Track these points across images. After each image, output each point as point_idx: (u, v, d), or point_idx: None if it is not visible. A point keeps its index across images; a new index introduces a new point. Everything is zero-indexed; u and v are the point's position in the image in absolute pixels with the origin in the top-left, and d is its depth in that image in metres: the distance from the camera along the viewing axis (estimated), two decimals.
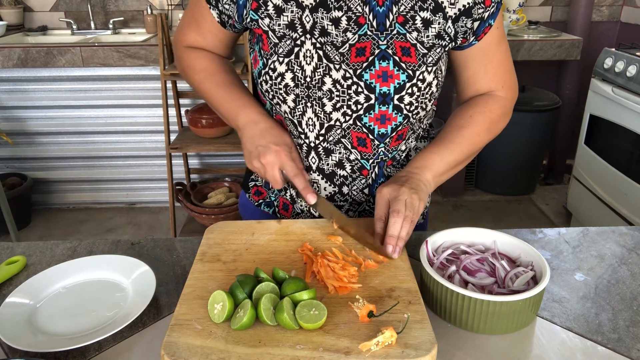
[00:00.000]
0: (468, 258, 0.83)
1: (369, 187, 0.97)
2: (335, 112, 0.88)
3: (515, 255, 0.84)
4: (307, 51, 0.85)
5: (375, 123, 0.89)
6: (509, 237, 0.85)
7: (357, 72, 0.85)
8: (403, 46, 0.85)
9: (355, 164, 0.94)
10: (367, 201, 0.99)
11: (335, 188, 0.97)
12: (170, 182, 2.66)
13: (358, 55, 0.85)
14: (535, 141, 3.11)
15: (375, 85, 0.85)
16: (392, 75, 0.85)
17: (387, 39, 0.85)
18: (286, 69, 0.86)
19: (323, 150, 0.93)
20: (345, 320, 0.69)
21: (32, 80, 2.81)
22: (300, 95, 0.88)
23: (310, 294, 0.71)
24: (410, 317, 0.69)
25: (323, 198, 0.92)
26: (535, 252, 0.81)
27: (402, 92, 0.86)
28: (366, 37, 0.85)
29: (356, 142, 0.92)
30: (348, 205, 1.00)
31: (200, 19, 0.96)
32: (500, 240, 0.86)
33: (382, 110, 0.87)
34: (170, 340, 0.66)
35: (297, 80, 0.87)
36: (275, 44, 0.87)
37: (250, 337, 0.66)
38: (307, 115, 0.90)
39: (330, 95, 0.87)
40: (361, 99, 0.87)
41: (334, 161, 0.94)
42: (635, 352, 0.72)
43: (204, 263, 0.82)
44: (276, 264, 0.81)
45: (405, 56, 0.85)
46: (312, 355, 0.63)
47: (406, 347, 0.64)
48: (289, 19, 0.86)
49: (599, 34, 3.31)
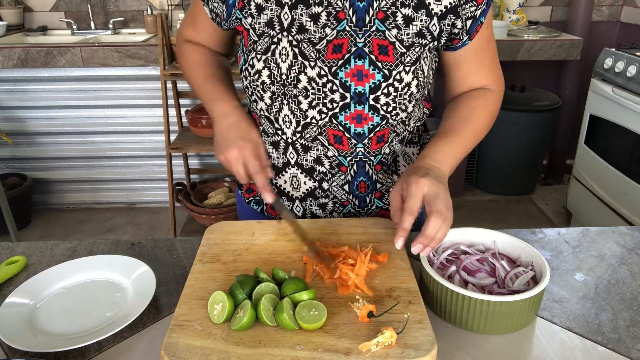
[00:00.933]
0: (468, 258, 0.83)
1: (348, 184, 0.96)
2: (311, 110, 0.88)
3: (515, 256, 0.84)
4: (282, 49, 0.86)
5: (351, 122, 0.88)
6: (509, 237, 0.85)
7: (332, 69, 0.84)
8: (381, 44, 0.83)
9: (333, 160, 0.93)
10: (352, 203, 0.99)
11: (315, 183, 0.97)
12: (170, 182, 2.66)
13: (334, 52, 0.84)
14: (535, 141, 3.11)
15: (350, 84, 0.85)
16: (367, 74, 0.84)
17: (365, 36, 0.83)
18: (263, 66, 0.87)
19: (301, 147, 0.93)
20: (345, 321, 0.69)
21: (32, 80, 2.81)
22: (277, 93, 0.89)
23: (310, 294, 0.71)
24: (410, 317, 0.69)
25: (279, 199, 0.95)
26: (535, 252, 0.81)
27: (377, 92, 0.85)
28: (344, 34, 0.84)
29: (333, 140, 0.91)
30: (332, 205, 0.99)
31: (196, 15, 0.99)
32: (500, 240, 0.86)
33: (357, 110, 0.87)
34: (170, 341, 0.66)
35: (273, 78, 0.87)
36: (254, 42, 0.89)
37: (250, 338, 0.66)
38: (283, 112, 0.90)
39: (305, 93, 0.87)
40: (336, 98, 0.86)
41: (312, 157, 0.94)
42: (635, 352, 0.72)
43: (204, 263, 0.82)
44: (276, 264, 0.81)
45: (383, 55, 0.83)
46: (312, 355, 0.63)
47: (406, 347, 0.64)
48: (268, 17, 0.87)
49: (599, 34, 3.31)
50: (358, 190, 0.97)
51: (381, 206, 1.00)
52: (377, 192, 0.99)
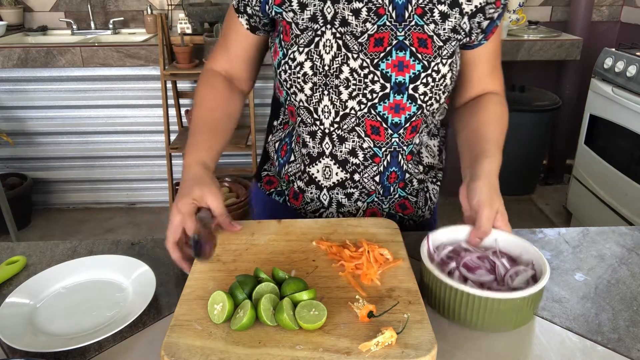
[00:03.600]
0: (468, 255, 0.83)
1: (379, 175, 0.98)
2: (350, 100, 0.90)
3: (516, 254, 0.84)
4: (327, 41, 0.88)
5: (389, 112, 0.91)
6: (510, 235, 0.85)
7: (374, 61, 0.87)
8: (420, 37, 0.88)
9: (367, 152, 0.95)
10: (377, 192, 1.00)
11: (347, 174, 0.98)
12: (170, 182, 2.66)
13: (376, 45, 0.87)
14: (535, 141, 3.11)
15: (391, 75, 0.88)
16: (407, 65, 0.87)
17: (405, 30, 0.87)
18: (305, 58, 0.89)
19: (337, 138, 0.94)
20: (345, 321, 0.69)
21: (32, 80, 2.81)
22: (318, 84, 0.90)
23: (310, 294, 0.71)
24: (410, 317, 0.69)
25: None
26: (535, 250, 0.81)
27: (417, 82, 0.88)
28: (385, 28, 0.87)
29: (370, 131, 0.93)
30: (358, 194, 1.00)
31: (230, 43, 1.00)
32: (501, 239, 0.86)
33: (396, 100, 0.89)
34: (170, 341, 0.65)
35: (316, 69, 0.89)
36: (297, 35, 0.90)
37: (250, 338, 0.66)
38: (323, 102, 0.91)
39: (347, 83, 0.89)
40: (377, 88, 0.89)
41: (347, 149, 0.95)
42: (635, 352, 0.72)
43: (204, 263, 0.82)
44: (276, 264, 0.81)
45: (422, 47, 0.88)
46: (312, 355, 0.63)
47: (406, 347, 0.64)
48: (312, 12, 0.88)
49: (599, 34, 3.31)
50: (387, 180, 0.99)
51: (403, 195, 1.04)
52: (402, 182, 1.02)
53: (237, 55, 1.02)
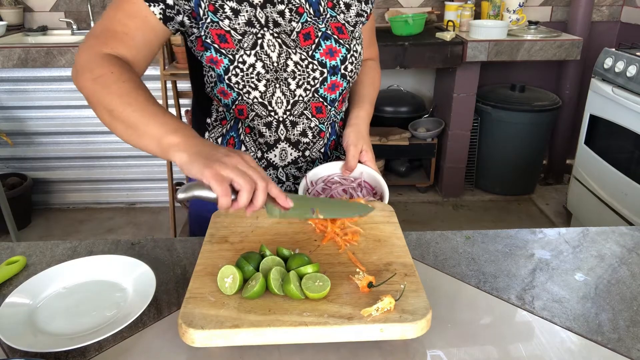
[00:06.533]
0: (336, 188, 1.05)
1: (325, 146, 1.14)
2: (298, 89, 1.03)
3: (374, 185, 1.07)
4: (269, 41, 0.98)
5: (328, 92, 1.06)
6: (371, 170, 1.08)
7: (310, 53, 1.01)
8: (337, 26, 1.04)
9: (315, 130, 1.10)
10: (319, 158, 1.15)
11: (299, 153, 1.11)
12: (170, 182, 2.66)
13: (306, 39, 1.01)
14: (535, 141, 3.11)
15: (326, 61, 1.02)
16: (335, 50, 1.03)
17: (325, 22, 1.03)
18: (255, 59, 0.97)
19: (290, 123, 1.06)
20: (347, 291, 0.74)
21: (32, 80, 2.81)
22: (270, 80, 0.99)
23: (314, 267, 0.76)
24: (406, 287, 0.74)
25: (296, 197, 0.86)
26: (384, 184, 1.04)
27: (345, 63, 1.04)
28: (308, 24, 1.01)
29: (315, 111, 1.07)
30: (306, 165, 1.14)
31: (132, 20, 0.90)
32: (365, 172, 1.08)
33: (332, 80, 1.05)
34: (187, 310, 0.70)
35: (267, 67, 0.98)
36: (239, 41, 0.96)
37: (261, 307, 0.71)
38: (276, 95, 1.02)
39: (293, 75, 1.01)
40: (317, 75, 1.03)
41: (298, 131, 1.08)
42: (635, 352, 0.72)
43: (213, 244, 0.86)
44: (280, 244, 0.87)
45: (340, 34, 1.04)
46: (318, 320, 0.68)
47: (404, 312, 0.70)
48: (246, 17, 0.96)
49: (599, 34, 3.31)
50: (328, 148, 1.16)
51: (337, 154, 1.20)
52: (334, 142, 1.18)
53: (143, 44, 0.92)
